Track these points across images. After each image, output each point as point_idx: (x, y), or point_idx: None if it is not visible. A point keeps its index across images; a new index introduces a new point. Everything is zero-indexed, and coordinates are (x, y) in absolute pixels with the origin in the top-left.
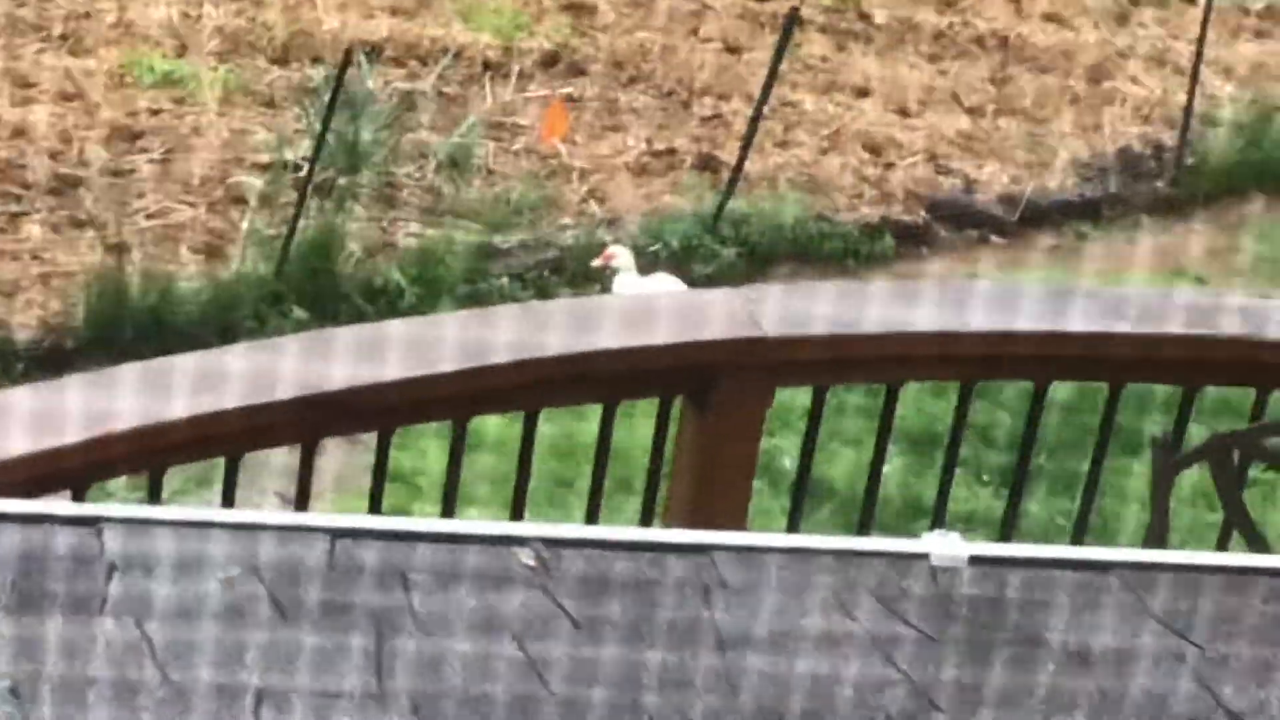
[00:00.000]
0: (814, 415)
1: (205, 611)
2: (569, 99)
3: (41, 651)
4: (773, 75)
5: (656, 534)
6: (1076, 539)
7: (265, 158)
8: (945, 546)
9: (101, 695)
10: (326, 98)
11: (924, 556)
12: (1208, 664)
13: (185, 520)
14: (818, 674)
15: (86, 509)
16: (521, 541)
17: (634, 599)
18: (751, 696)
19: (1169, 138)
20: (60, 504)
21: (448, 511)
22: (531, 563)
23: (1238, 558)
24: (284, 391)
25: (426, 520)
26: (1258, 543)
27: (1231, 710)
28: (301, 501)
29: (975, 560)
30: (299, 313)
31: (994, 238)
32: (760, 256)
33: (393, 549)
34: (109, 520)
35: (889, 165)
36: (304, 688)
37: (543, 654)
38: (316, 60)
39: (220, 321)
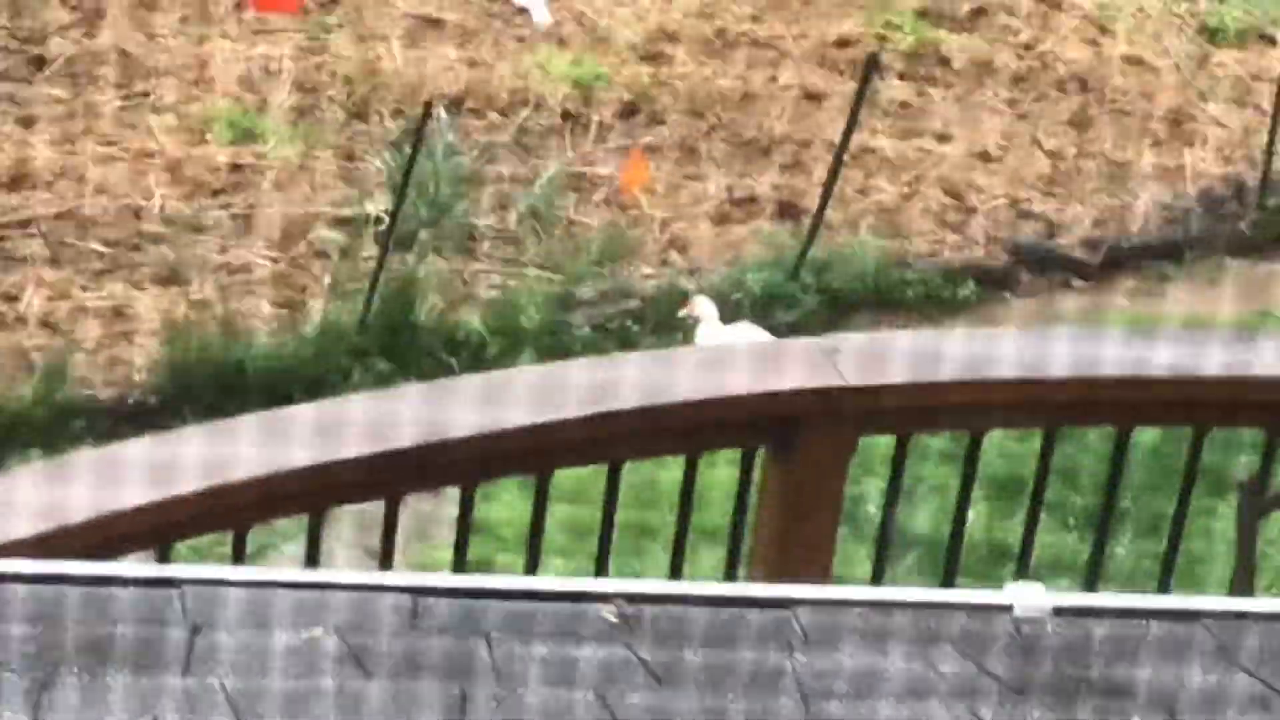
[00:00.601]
0: (897, 463)
1: (288, 671)
2: (648, 148)
3: (131, 708)
4: (853, 120)
5: (738, 588)
6: (1163, 583)
7: (346, 211)
8: (1029, 597)
9: None
10: (406, 150)
11: (1008, 608)
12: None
13: (269, 580)
14: None
15: (167, 570)
16: (605, 598)
17: (717, 654)
18: None
19: (1251, 178)
20: (141, 565)
21: (531, 566)
22: (614, 619)
23: None
24: (367, 447)
25: (509, 578)
26: None
27: None
28: (385, 558)
29: (1059, 611)
30: (381, 365)
31: (1076, 281)
32: (842, 303)
33: (475, 607)
34: (189, 581)
35: (970, 209)
36: None
37: (626, 710)
38: (396, 113)
39: (303, 377)
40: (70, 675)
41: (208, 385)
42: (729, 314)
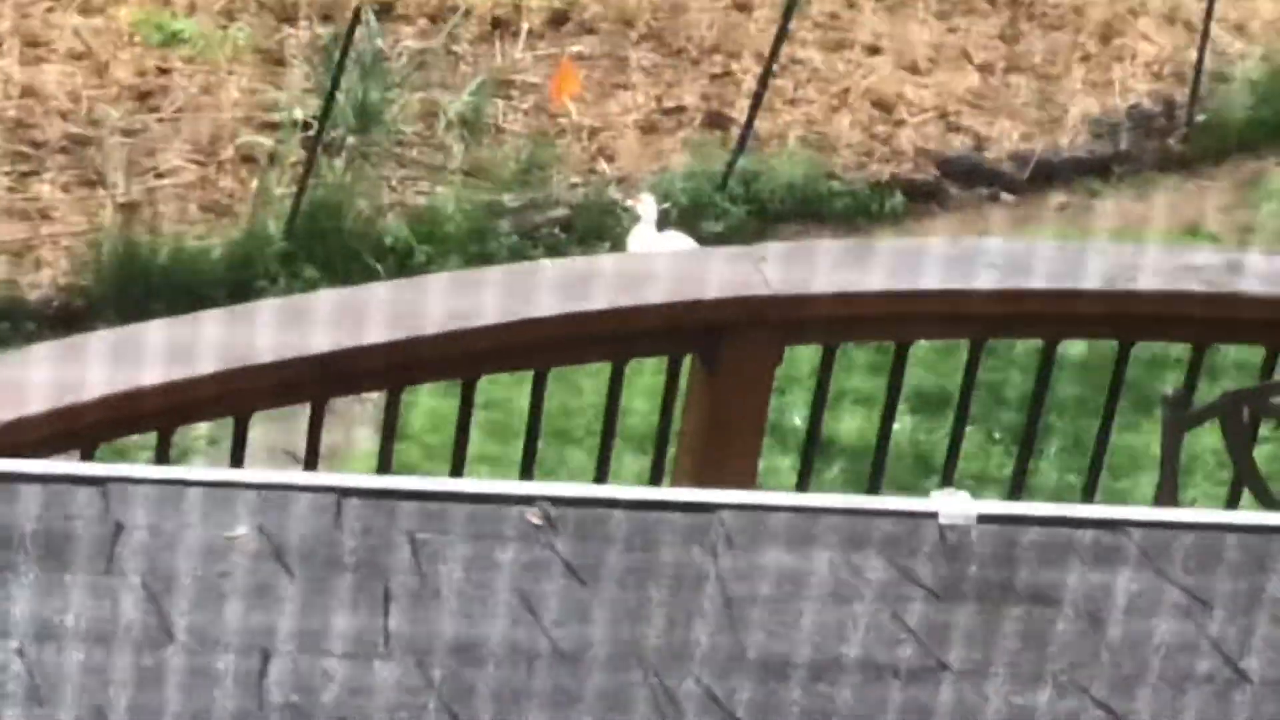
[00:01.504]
0: (823, 373)
1: (210, 569)
2: (578, 57)
3: (52, 609)
4: (782, 32)
5: (663, 493)
6: (1087, 497)
7: (275, 117)
8: (954, 505)
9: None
10: (336, 56)
11: (933, 515)
12: (1219, 623)
13: (192, 480)
14: (824, 631)
15: (96, 468)
16: (528, 500)
17: (640, 557)
18: (757, 652)
19: (1180, 95)
20: (71, 464)
21: (455, 470)
22: (537, 521)
23: (1249, 515)
24: (290, 350)
25: (433, 479)
26: (1268, 500)
27: (1240, 668)
28: (311, 460)
29: (984, 519)
30: (310, 271)
31: (1005, 195)
32: (770, 215)
33: (399, 508)
34: (115, 480)
35: (899, 123)
36: (311, 645)
37: (548, 609)
38: (326, 19)
39: (231, 281)
40: None
41: (135, 288)
42: (658, 223)
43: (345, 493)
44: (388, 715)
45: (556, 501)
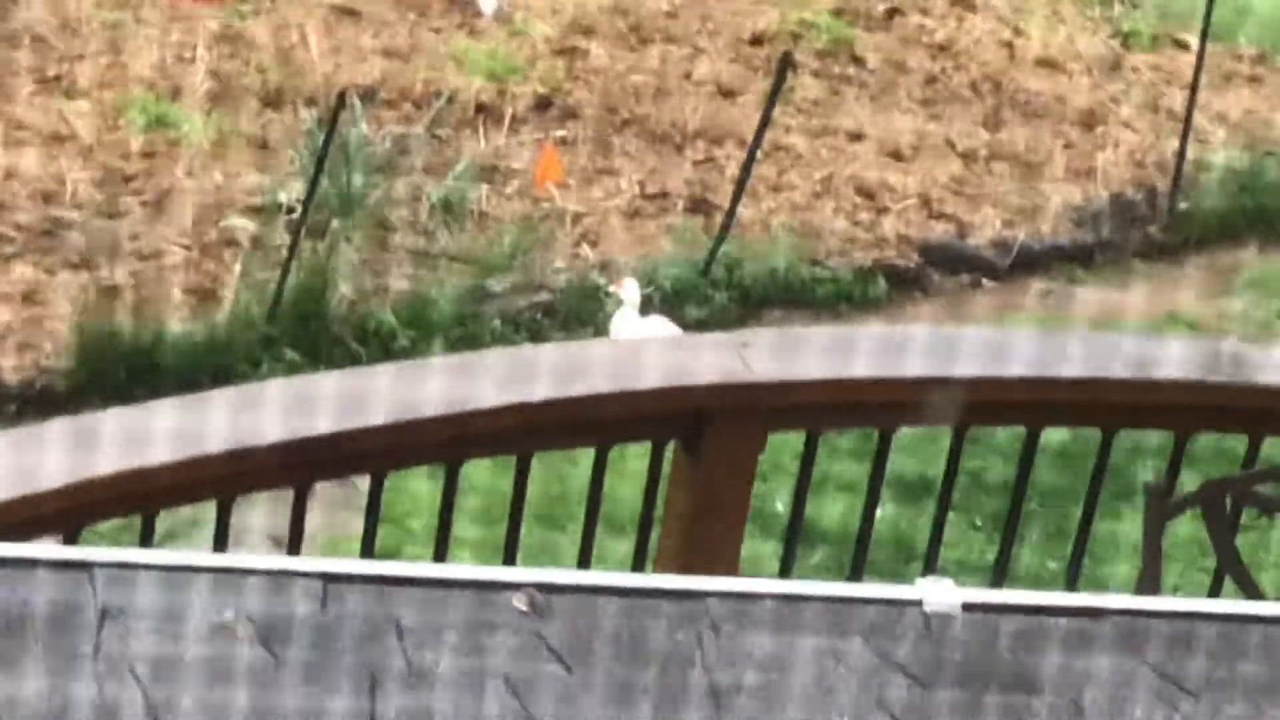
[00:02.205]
0: (806, 460)
1: (201, 655)
2: (562, 142)
3: (43, 692)
4: (766, 119)
5: (649, 580)
6: (1069, 585)
7: (258, 201)
8: (939, 593)
9: None
10: (320, 141)
11: (917, 603)
12: (1200, 712)
13: (179, 565)
14: (810, 717)
15: (78, 553)
16: (515, 586)
17: (627, 645)
18: None
19: (1162, 184)
20: (51, 548)
21: (440, 555)
22: (524, 608)
23: (1231, 604)
24: (275, 435)
25: (420, 565)
26: (1251, 589)
27: None
28: (294, 544)
29: (969, 607)
30: (291, 355)
31: (986, 282)
32: (753, 300)
33: (386, 594)
34: (101, 565)
35: (882, 210)
36: None
37: (534, 701)
38: (310, 103)
39: (213, 364)
40: None
41: (117, 371)
42: (641, 308)
43: (332, 578)
44: None
45: (542, 588)
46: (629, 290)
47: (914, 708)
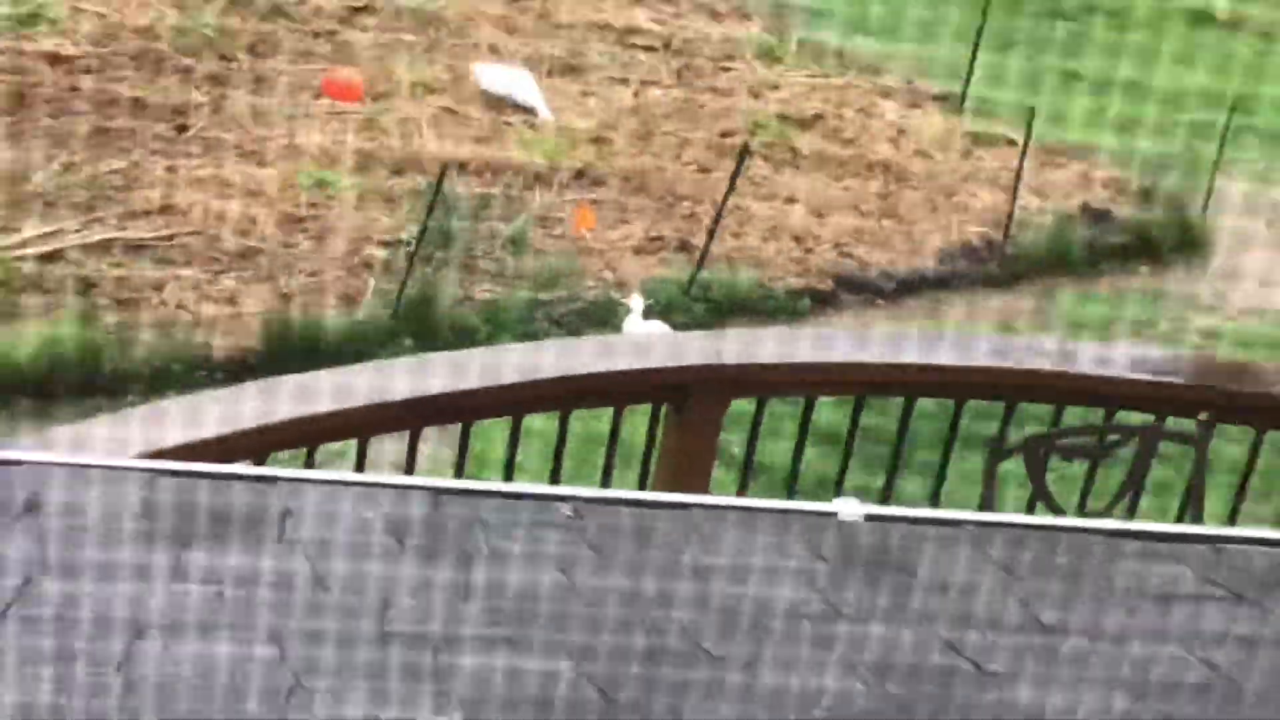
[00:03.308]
0: (757, 418)
1: (350, 545)
2: (592, 202)
3: (230, 577)
4: (730, 187)
5: (652, 496)
6: (933, 505)
7: (388, 237)
8: (849, 508)
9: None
10: (430, 198)
11: (834, 514)
12: (1026, 589)
13: (336, 480)
14: (761, 592)
15: (267, 470)
16: (563, 499)
17: (636, 541)
18: (713, 606)
19: (996, 234)
20: (247, 467)
21: (508, 477)
22: (569, 513)
23: (1042, 519)
24: (401, 393)
25: (498, 483)
26: (1057, 511)
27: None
28: (410, 469)
29: (870, 518)
30: (408, 343)
31: (879, 300)
32: (721, 311)
33: (475, 502)
34: (285, 479)
35: (809, 250)
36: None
37: (576, 574)
38: (423, 172)
39: (354, 348)
40: (197, 547)
41: (291, 352)
42: (643, 314)
43: (440, 491)
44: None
45: (582, 500)
46: (636, 302)
47: (832, 586)
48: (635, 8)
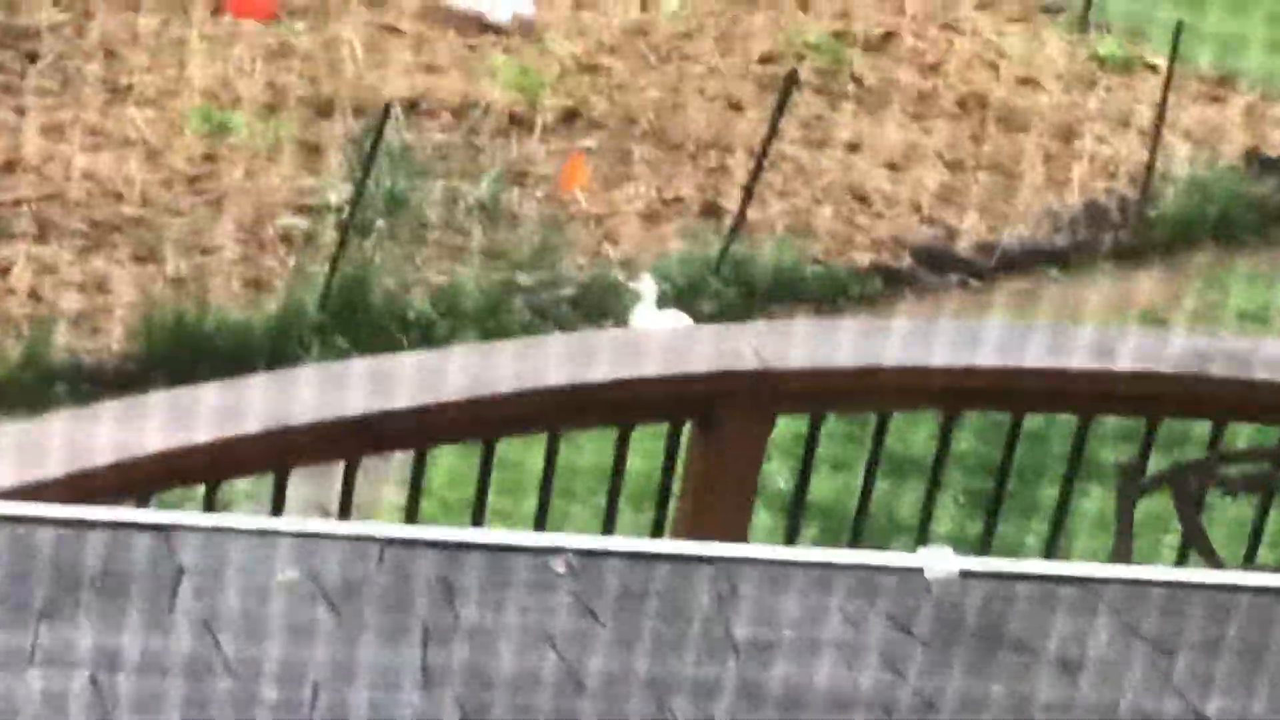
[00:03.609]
0: (810, 441)
1: (267, 609)
2: (587, 151)
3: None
4: (772, 131)
5: (673, 545)
6: (1048, 556)
7: (310, 201)
8: (939, 560)
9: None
10: (366, 147)
11: (919, 570)
12: (1177, 669)
13: (248, 528)
14: (833, 667)
15: (160, 516)
16: (553, 551)
17: (654, 607)
18: (777, 687)
19: (1131, 192)
20: (136, 511)
21: (476, 523)
22: (561, 570)
23: (1198, 573)
24: (326, 413)
25: (470, 531)
26: (1213, 559)
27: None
28: (345, 512)
29: (966, 574)
30: (341, 342)
31: (971, 281)
32: (759, 296)
33: (438, 556)
34: (179, 528)
35: (877, 215)
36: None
37: (572, 652)
38: (357, 113)
39: (270, 349)
40: (69, 606)
41: (180, 355)
42: (657, 302)
43: (388, 542)
44: None
45: (579, 553)
46: (646, 285)
47: (921, 667)
48: None
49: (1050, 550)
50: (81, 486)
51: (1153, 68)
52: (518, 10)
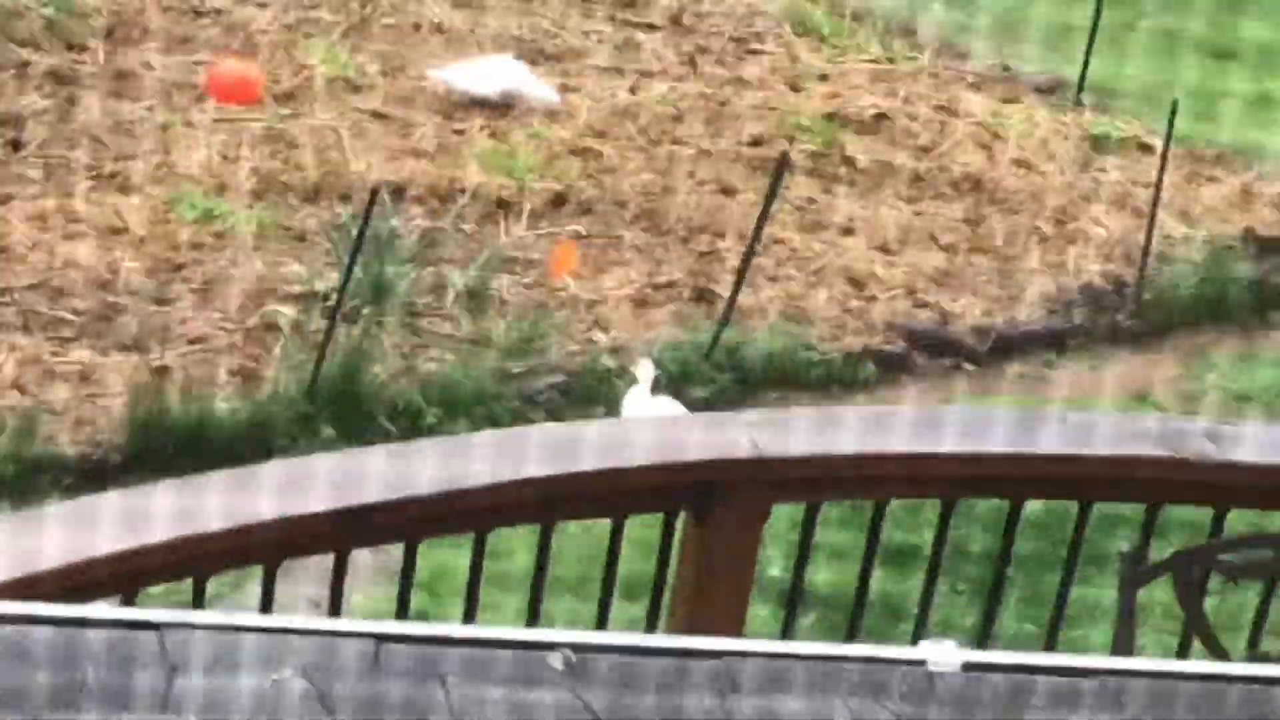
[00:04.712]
0: (806, 529)
1: (256, 712)
2: (576, 236)
3: None
4: (764, 215)
5: (671, 640)
6: (1050, 647)
7: (297, 289)
8: (941, 653)
9: None
10: (354, 234)
11: (921, 663)
12: None
13: (239, 625)
14: None
15: (146, 613)
16: (551, 646)
17: (654, 703)
18: None
19: (1129, 274)
20: (127, 610)
21: (469, 618)
22: (560, 666)
23: (1202, 665)
24: (319, 505)
25: (464, 626)
26: (1218, 650)
27: None
28: (335, 607)
29: (969, 666)
30: (328, 432)
31: (967, 366)
32: (751, 382)
33: (435, 653)
34: (169, 625)
35: (870, 298)
36: None
37: None
38: (345, 199)
39: (256, 440)
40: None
41: (167, 447)
42: (650, 389)
43: (383, 638)
44: None
45: (578, 648)
46: (644, 370)
47: None
48: None
49: (1052, 640)
50: (76, 580)
51: (1148, 147)
52: (536, 93)
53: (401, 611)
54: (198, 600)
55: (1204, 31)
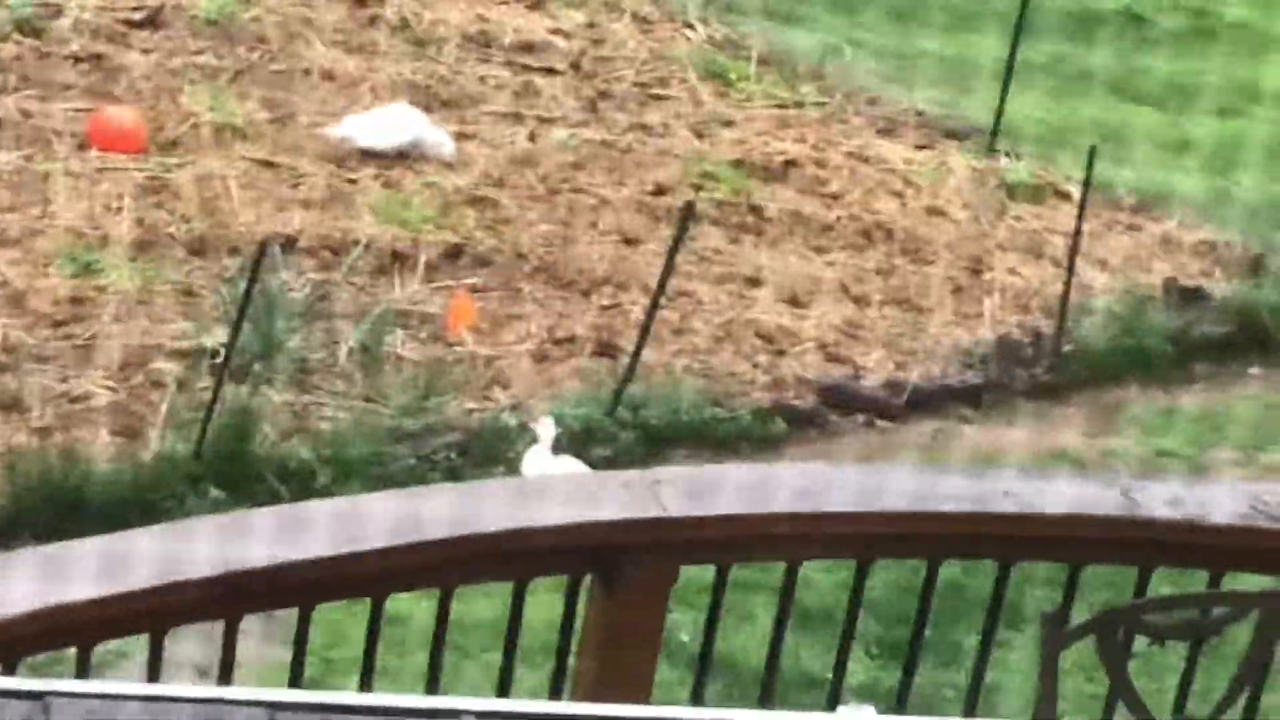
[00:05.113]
0: (716, 592)
1: None
2: (474, 289)
3: None
4: (669, 266)
5: (578, 708)
6: (968, 710)
7: (183, 345)
8: (860, 718)
9: None
10: (242, 288)
11: None
12: None
13: (125, 694)
14: None
15: (33, 683)
16: (455, 715)
17: None
18: None
19: (1047, 326)
20: (6, 679)
21: (365, 685)
22: None
23: None
24: (205, 569)
25: (361, 695)
26: (1142, 712)
27: None
28: (225, 675)
29: None
30: (216, 493)
31: (881, 422)
32: (658, 440)
33: None
34: (52, 694)
35: (780, 352)
36: None
37: None
38: (232, 252)
39: (140, 502)
40: None
41: (47, 511)
42: (552, 448)
43: (277, 707)
44: None
45: (483, 716)
46: (545, 428)
47: None
48: (531, 14)
49: (970, 704)
50: None
51: (1065, 194)
52: (433, 139)
53: (296, 679)
54: (81, 670)
55: (1119, 71)
